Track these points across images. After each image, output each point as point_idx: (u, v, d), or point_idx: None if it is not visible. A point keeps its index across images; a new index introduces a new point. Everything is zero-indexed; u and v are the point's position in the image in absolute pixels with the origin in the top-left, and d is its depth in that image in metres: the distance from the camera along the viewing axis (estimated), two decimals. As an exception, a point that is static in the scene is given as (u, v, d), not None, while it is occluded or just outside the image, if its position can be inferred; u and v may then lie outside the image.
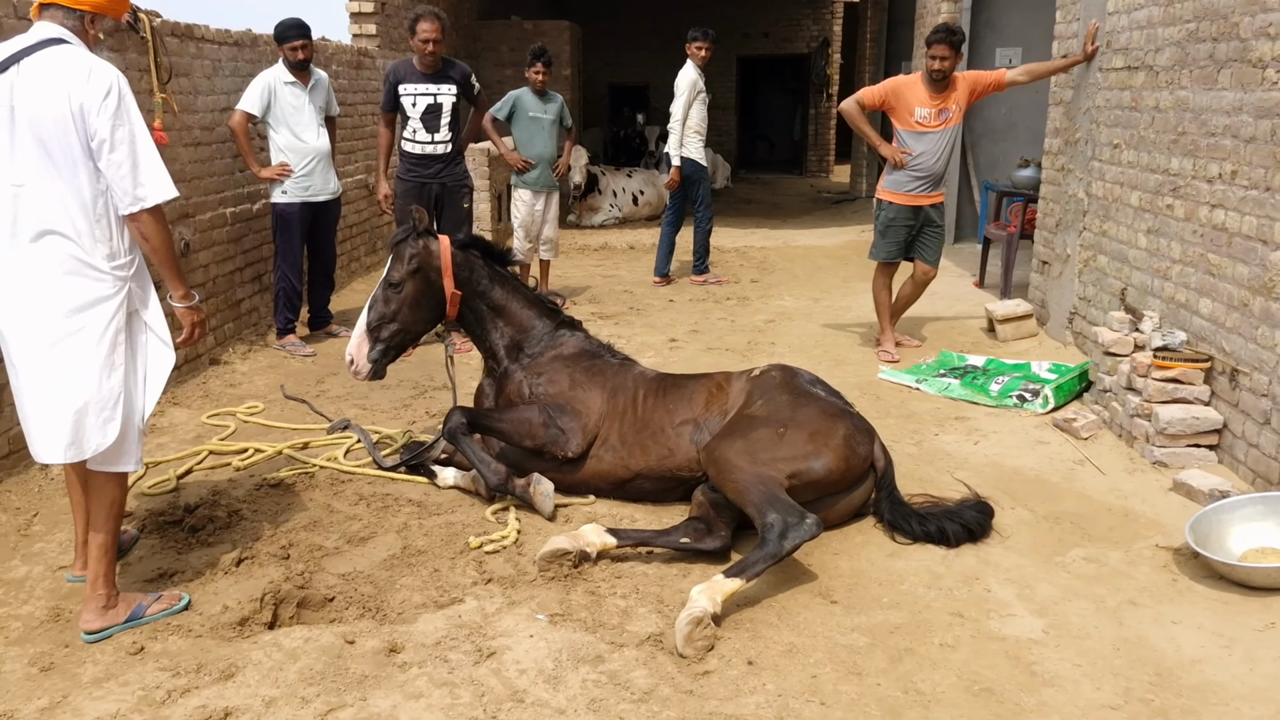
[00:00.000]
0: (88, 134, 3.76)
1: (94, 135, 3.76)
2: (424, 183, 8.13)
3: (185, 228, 7.18)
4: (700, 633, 3.78)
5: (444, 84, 8.05)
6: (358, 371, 5.33)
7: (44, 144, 3.75)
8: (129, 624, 3.97)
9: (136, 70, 6.53)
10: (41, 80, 3.75)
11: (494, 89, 17.07)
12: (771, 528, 4.14)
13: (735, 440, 4.64)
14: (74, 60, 3.80)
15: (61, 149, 3.76)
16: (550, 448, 5.14)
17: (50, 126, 3.74)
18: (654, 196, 16.35)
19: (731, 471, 4.46)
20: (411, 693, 3.56)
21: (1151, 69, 6.58)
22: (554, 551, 4.32)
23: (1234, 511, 4.69)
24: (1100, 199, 7.37)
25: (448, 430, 5.15)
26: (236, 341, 8.06)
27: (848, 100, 7.91)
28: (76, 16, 3.92)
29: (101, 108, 3.75)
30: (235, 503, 5.13)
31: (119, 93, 3.80)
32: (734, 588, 4.00)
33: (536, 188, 9.83)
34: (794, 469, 4.50)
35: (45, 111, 3.73)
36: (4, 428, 5.31)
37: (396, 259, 5.33)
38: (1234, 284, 5.49)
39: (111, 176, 3.80)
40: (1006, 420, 6.50)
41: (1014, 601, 4.23)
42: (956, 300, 9.95)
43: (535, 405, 5.24)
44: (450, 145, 8.14)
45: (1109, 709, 3.51)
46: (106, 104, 3.76)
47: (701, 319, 9.39)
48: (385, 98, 8.16)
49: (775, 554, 4.09)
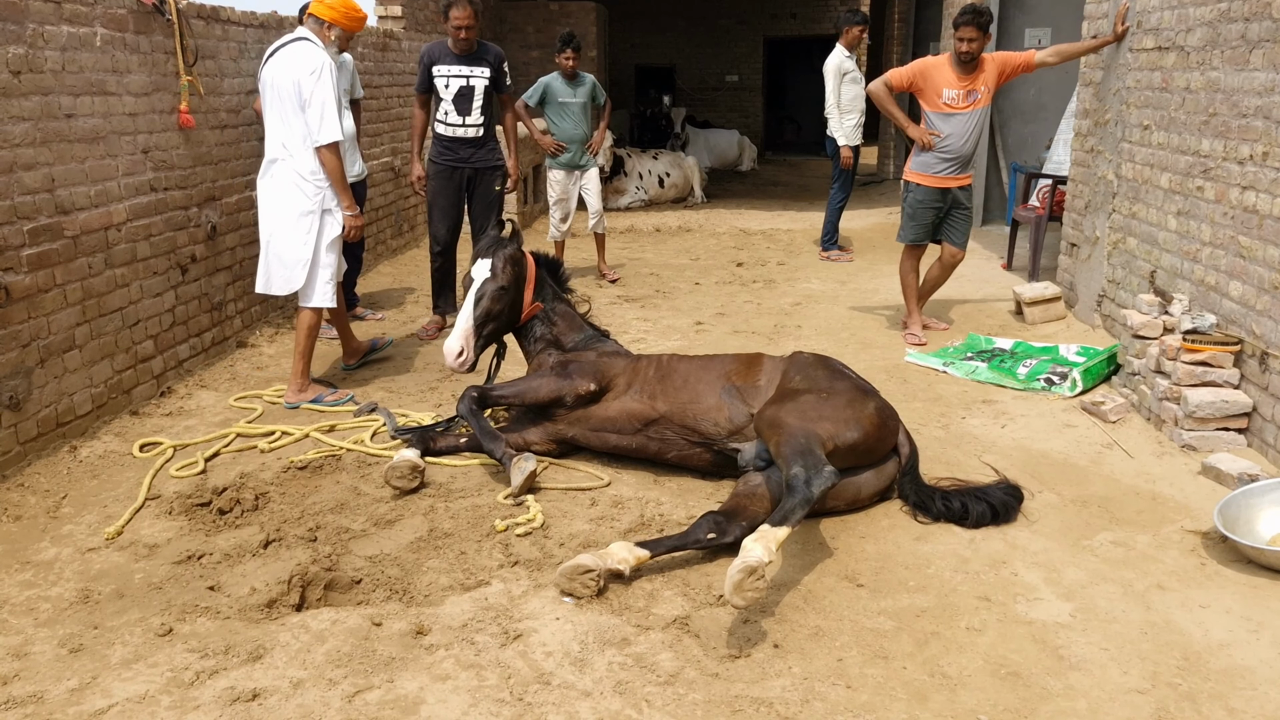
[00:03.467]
0: (301, 97, 6.12)
1: (304, 99, 6.12)
2: (456, 166, 8.14)
3: (212, 210, 7.21)
4: (752, 583, 3.70)
5: (477, 66, 8.06)
6: (465, 362, 5.47)
7: (282, 103, 6.20)
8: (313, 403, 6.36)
9: (162, 53, 6.56)
10: (285, 63, 6.20)
11: (520, 71, 17.10)
12: (797, 477, 4.22)
13: (786, 403, 4.79)
14: (305, 51, 6.21)
15: (291, 107, 6.18)
16: (564, 392, 5.42)
17: (285, 92, 6.16)
18: (680, 179, 16.29)
19: (782, 427, 4.56)
20: (438, 674, 3.58)
21: (1182, 49, 6.50)
22: (575, 568, 4.11)
23: (1263, 495, 4.66)
24: (1130, 181, 7.30)
25: (461, 409, 5.40)
26: (263, 324, 8.10)
27: (875, 82, 7.86)
28: (318, 22, 6.43)
29: (308, 81, 6.11)
30: (263, 485, 5.16)
31: (320, 72, 6.12)
32: (784, 534, 3.98)
33: (570, 167, 9.99)
34: (835, 430, 4.60)
35: (283, 82, 6.17)
36: (33, 410, 5.36)
37: (503, 263, 5.57)
38: (1265, 266, 5.44)
39: (308, 123, 6.16)
40: (1034, 403, 6.46)
41: (1041, 585, 4.21)
42: (984, 283, 9.89)
43: (547, 370, 5.59)
44: (482, 129, 8.14)
45: (1136, 693, 3.49)
46: (310, 78, 6.11)
47: (728, 302, 9.37)
48: (420, 79, 8.19)
49: (808, 499, 4.14)
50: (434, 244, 8.34)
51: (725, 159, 21.00)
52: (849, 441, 4.64)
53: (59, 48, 5.55)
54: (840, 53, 11.14)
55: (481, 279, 5.54)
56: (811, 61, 26.53)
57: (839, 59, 11.12)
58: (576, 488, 5.20)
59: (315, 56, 6.16)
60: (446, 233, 8.28)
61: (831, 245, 11.69)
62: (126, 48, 6.18)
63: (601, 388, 5.45)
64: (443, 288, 8.38)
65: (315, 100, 6.10)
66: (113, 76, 6.03)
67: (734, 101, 24.91)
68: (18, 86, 5.23)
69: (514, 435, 5.56)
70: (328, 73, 6.15)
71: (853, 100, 11.25)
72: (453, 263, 8.40)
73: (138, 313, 6.30)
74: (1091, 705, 3.43)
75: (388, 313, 8.86)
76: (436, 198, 8.22)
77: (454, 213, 8.28)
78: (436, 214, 8.27)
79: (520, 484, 4.96)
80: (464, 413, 5.37)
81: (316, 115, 6.13)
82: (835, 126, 11.27)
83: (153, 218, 6.45)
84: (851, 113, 11.28)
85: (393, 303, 9.27)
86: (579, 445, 5.55)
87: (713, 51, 24.72)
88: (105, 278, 5.96)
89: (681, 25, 24.04)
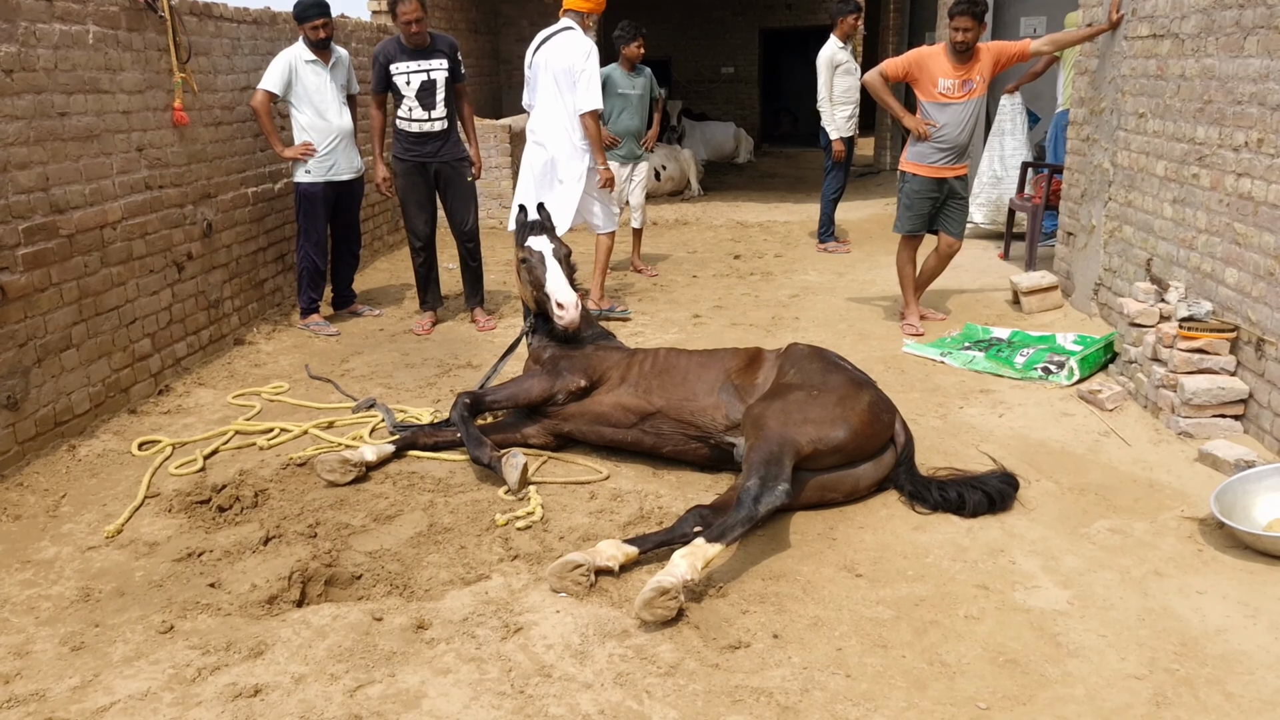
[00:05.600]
0: (573, 76, 7.84)
1: (575, 76, 7.83)
2: (424, 161, 8.06)
3: (207, 208, 7.21)
4: (662, 602, 3.79)
5: (435, 59, 7.92)
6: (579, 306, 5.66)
7: (557, 83, 7.97)
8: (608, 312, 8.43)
9: (155, 50, 6.56)
10: (560, 48, 7.94)
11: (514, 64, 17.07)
12: (748, 491, 4.24)
13: (774, 402, 4.80)
14: (578, 38, 7.97)
15: (568, 84, 7.92)
16: (555, 390, 5.48)
17: (561, 71, 7.91)
18: (676, 171, 16.27)
19: (761, 430, 4.57)
20: (440, 668, 3.59)
21: (1177, 37, 6.50)
22: (565, 564, 4.12)
23: (1259, 481, 4.67)
24: (1126, 169, 7.31)
25: (453, 416, 5.44)
26: (260, 321, 8.11)
27: (871, 72, 7.85)
28: (578, 15, 8.07)
29: (580, 61, 7.85)
30: (262, 482, 5.17)
31: (590, 55, 7.87)
32: (714, 553, 4.04)
33: (625, 159, 10.03)
34: (820, 432, 4.60)
35: (559, 64, 7.91)
36: (31, 410, 5.37)
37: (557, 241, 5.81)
38: (1260, 253, 5.44)
39: (577, 95, 7.89)
40: (1031, 392, 6.47)
41: (1039, 573, 4.23)
42: (981, 273, 9.89)
43: (538, 369, 5.64)
44: (446, 121, 8.04)
45: (1134, 679, 3.50)
46: (583, 59, 7.85)
47: (725, 294, 9.37)
48: (376, 79, 7.98)
49: (751, 517, 4.17)
50: (414, 240, 8.25)
51: (721, 151, 20.99)
52: (834, 442, 4.65)
53: (51, 46, 5.55)
54: (833, 44, 11.12)
55: (550, 248, 5.71)
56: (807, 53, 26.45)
57: (831, 50, 11.09)
58: (575, 481, 5.21)
59: (586, 42, 7.93)
60: (425, 226, 8.21)
61: (828, 237, 11.69)
62: (119, 45, 6.17)
63: (592, 383, 5.47)
64: (428, 283, 8.36)
65: (585, 77, 7.82)
66: (106, 74, 6.03)
67: (730, 94, 24.88)
68: (10, 85, 5.23)
69: (512, 432, 5.58)
70: (595, 56, 7.92)
71: (846, 92, 11.23)
72: (434, 258, 8.39)
73: (134, 311, 6.31)
74: (1089, 691, 3.44)
75: (385, 309, 8.86)
76: (409, 194, 8.13)
77: (430, 207, 8.22)
78: (413, 209, 8.17)
79: (516, 479, 4.97)
80: (455, 419, 5.39)
81: (585, 88, 7.83)
82: (827, 119, 11.27)
83: (148, 216, 6.45)
84: (845, 104, 11.27)
85: (390, 299, 9.26)
86: (576, 439, 5.56)
87: (708, 43, 24.69)
88: (101, 276, 5.97)
89: (677, 17, 23.99)
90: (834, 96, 11.15)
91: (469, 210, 8.28)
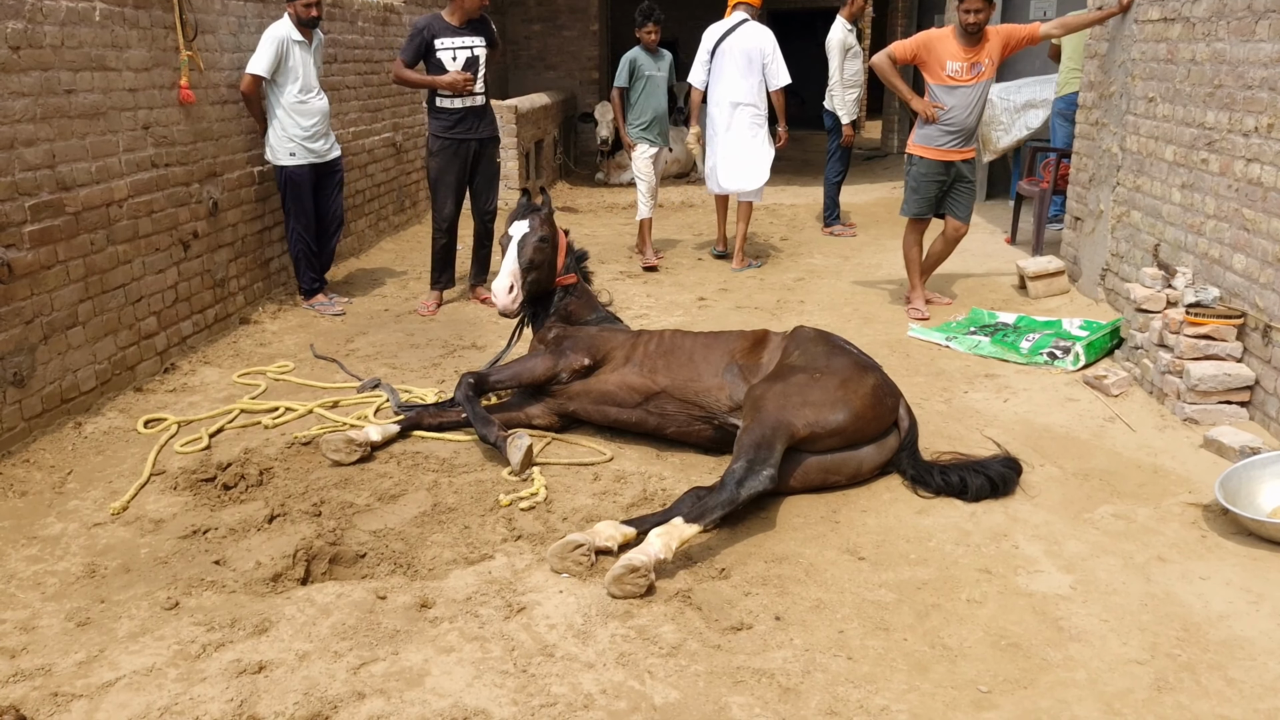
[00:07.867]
0: (763, 58, 9.31)
1: (765, 58, 9.31)
2: (464, 139, 8.03)
3: (213, 186, 7.21)
4: (632, 579, 3.87)
5: (478, 35, 7.96)
6: (515, 299, 5.58)
7: (750, 63, 9.33)
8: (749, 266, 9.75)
9: (162, 28, 6.54)
10: (745, 37, 9.34)
11: (521, 45, 17.04)
12: (733, 474, 4.29)
13: (775, 384, 4.81)
14: (757, 28, 9.37)
15: (754, 66, 9.33)
16: (558, 369, 5.48)
17: (743, 57, 9.32)
18: (681, 153, 16.18)
19: (758, 411, 4.60)
20: (443, 647, 3.60)
21: (1188, 20, 6.47)
22: (565, 545, 4.12)
23: (1264, 468, 4.67)
24: (1135, 154, 7.28)
25: (458, 396, 5.42)
26: (266, 301, 8.11)
27: (879, 54, 7.82)
28: (751, 9, 9.46)
29: (769, 48, 9.33)
30: (267, 461, 5.18)
31: (774, 42, 9.32)
32: (691, 533, 4.09)
33: (656, 142, 10.10)
34: (819, 415, 4.63)
35: (748, 47, 9.31)
36: (37, 387, 5.38)
37: (539, 221, 5.66)
38: (1269, 239, 5.43)
39: (768, 75, 9.37)
40: (1037, 377, 6.47)
41: (1042, 558, 4.23)
42: (988, 257, 9.87)
43: (542, 349, 5.64)
44: (484, 96, 8.08)
45: (1135, 663, 3.51)
46: (771, 47, 9.35)
47: (730, 278, 9.37)
48: (412, 52, 7.90)
49: (732, 499, 4.21)
50: (440, 222, 8.22)
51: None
52: (833, 425, 4.66)
53: (58, 23, 5.54)
54: (842, 26, 11.09)
55: (521, 233, 5.63)
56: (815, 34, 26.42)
57: (841, 33, 11.07)
58: (579, 463, 5.22)
59: (768, 32, 9.40)
60: (453, 209, 8.20)
61: (834, 220, 11.67)
62: (126, 22, 6.16)
63: (596, 362, 5.47)
64: (445, 265, 8.34)
65: (775, 60, 9.37)
66: (112, 51, 6.02)
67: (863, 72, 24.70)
68: (17, 62, 5.22)
69: (516, 411, 5.59)
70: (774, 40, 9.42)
71: (853, 75, 11.22)
72: (455, 239, 8.37)
73: (140, 289, 6.31)
74: (1091, 675, 3.45)
75: (388, 288, 8.86)
76: (443, 174, 8.10)
77: (460, 189, 8.21)
78: (443, 191, 8.15)
79: (520, 460, 4.97)
80: (461, 399, 5.39)
81: (775, 69, 9.38)
82: (839, 102, 11.25)
83: (154, 194, 6.45)
84: (852, 88, 11.25)
85: (394, 279, 9.26)
86: (580, 419, 5.57)
87: (716, 25, 24.51)
88: (107, 254, 5.97)
89: (684, -1, 23.88)
90: (843, 80, 11.14)
91: (492, 190, 8.34)
